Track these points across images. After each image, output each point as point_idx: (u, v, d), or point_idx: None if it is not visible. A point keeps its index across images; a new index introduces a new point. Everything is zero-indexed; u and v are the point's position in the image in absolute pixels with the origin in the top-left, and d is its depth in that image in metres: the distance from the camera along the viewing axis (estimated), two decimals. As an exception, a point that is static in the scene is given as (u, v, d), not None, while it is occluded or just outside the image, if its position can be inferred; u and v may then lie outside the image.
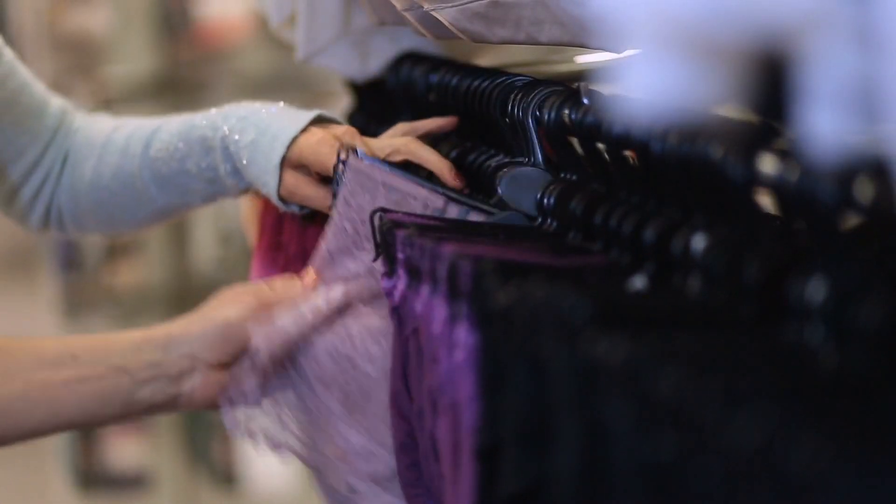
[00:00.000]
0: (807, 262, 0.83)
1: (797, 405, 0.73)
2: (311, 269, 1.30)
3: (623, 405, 0.83)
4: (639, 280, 0.99)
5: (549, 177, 1.24)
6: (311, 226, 1.47)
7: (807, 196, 0.81)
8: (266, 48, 3.51)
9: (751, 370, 0.80)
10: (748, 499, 0.73)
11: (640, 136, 1.02)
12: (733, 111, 0.88)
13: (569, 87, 1.21)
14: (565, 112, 1.18)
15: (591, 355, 0.86)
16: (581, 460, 0.87)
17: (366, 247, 1.26)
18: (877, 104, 0.67)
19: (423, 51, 1.57)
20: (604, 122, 1.11)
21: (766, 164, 0.86)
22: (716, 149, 0.91)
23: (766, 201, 0.90)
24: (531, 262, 1.08)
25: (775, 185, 0.85)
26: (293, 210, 1.43)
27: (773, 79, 0.73)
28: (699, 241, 0.94)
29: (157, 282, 3.88)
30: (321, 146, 1.36)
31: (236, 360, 1.26)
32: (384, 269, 1.20)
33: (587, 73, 1.31)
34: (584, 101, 1.16)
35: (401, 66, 1.55)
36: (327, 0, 1.56)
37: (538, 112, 1.23)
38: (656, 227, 1.00)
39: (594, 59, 1.39)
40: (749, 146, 0.88)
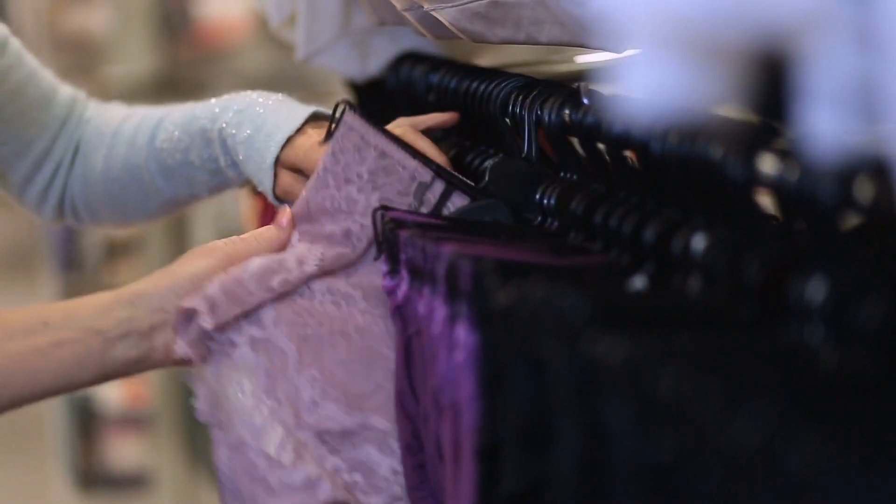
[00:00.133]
0: (807, 262, 0.83)
1: (797, 405, 0.73)
2: (288, 211, 1.29)
3: (623, 405, 0.83)
4: (639, 280, 0.99)
5: (536, 170, 1.24)
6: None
7: (807, 196, 0.81)
8: (266, 48, 3.50)
9: (751, 370, 0.80)
10: (748, 499, 0.73)
11: (640, 136, 1.02)
12: (733, 111, 0.88)
13: (569, 87, 1.21)
14: (566, 112, 1.18)
15: (591, 355, 0.86)
16: (581, 460, 0.87)
17: (343, 209, 1.26)
18: (877, 104, 0.67)
19: (423, 51, 1.57)
20: (604, 122, 1.11)
21: (766, 164, 0.86)
22: (716, 149, 0.91)
23: (766, 201, 0.90)
24: (531, 262, 1.08)
25: (775, 185, 0.85)
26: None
27: (773, 79, 0.73)
28: (699, 241, 0.94)
29: (157, 281, 3.87)
30: (313, 151, 1.35)
31: None
32: (386, 268, 1.20)
33: (587, 73, 1.30)
34: (585, 101, 1.16)
35: (401, 66, 1.55)
36: (327, 0, 1.56)
37: (538, 112, 1.23)
38: (656, 227, 1.00)
39: (594, 59, 1.39)
40: (749, 146, 0.88)
